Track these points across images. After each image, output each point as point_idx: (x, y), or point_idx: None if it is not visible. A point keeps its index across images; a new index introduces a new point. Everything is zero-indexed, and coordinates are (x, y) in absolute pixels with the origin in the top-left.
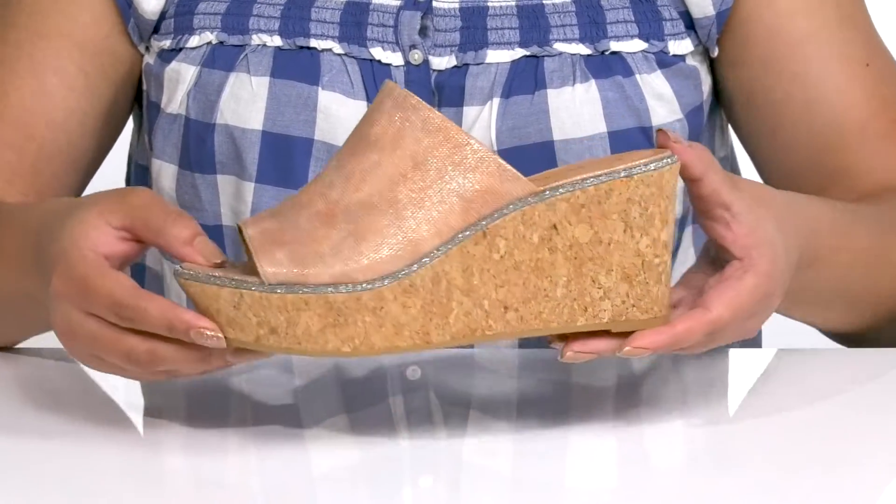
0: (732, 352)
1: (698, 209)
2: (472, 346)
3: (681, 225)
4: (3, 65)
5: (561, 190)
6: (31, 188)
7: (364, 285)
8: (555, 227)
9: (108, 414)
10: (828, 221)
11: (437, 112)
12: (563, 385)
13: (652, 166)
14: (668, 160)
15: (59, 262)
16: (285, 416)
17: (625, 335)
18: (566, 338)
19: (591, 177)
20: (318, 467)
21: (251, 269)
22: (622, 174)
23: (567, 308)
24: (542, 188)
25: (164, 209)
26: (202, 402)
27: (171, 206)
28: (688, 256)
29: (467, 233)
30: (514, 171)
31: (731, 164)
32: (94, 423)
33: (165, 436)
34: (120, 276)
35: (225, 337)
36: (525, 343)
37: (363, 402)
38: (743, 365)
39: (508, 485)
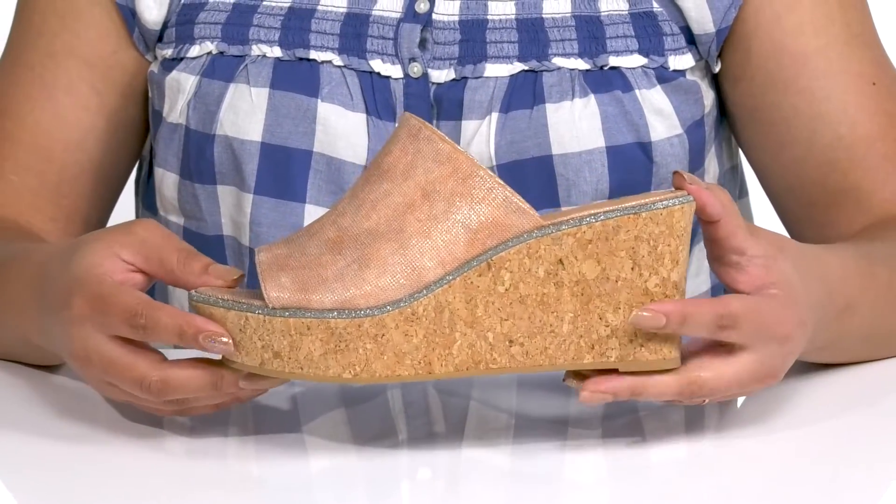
0: None
1: (711, 253)
2: None
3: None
4: (17, 88)
5: (566, 225)
6: (58, 211)
7: (365, 311)
8: (561, 261)
9: (108, 417)
10: (852, 266)
11: (449, 141)
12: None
13: (661, 204)
14: (679, 200)
15: (76, 286)
16: (283, 411)
17: (637, 375)
18: (581, 376)
19: (600, 213)
20: (316, 461)
21: (261, 295)
22: (630, 211)
23: (574, 345)
24: (548, 222)
25: (175, 247)
26: None
27: (181, 243)
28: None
29: (472, 263)
30: (522, 203)
31: (739, 177)
32: (94, 427)
33: (160, 429)
34: (134, 290)
35: (233, 362)
36: None
37: (361, 396)
38: None
39: (506, 478)
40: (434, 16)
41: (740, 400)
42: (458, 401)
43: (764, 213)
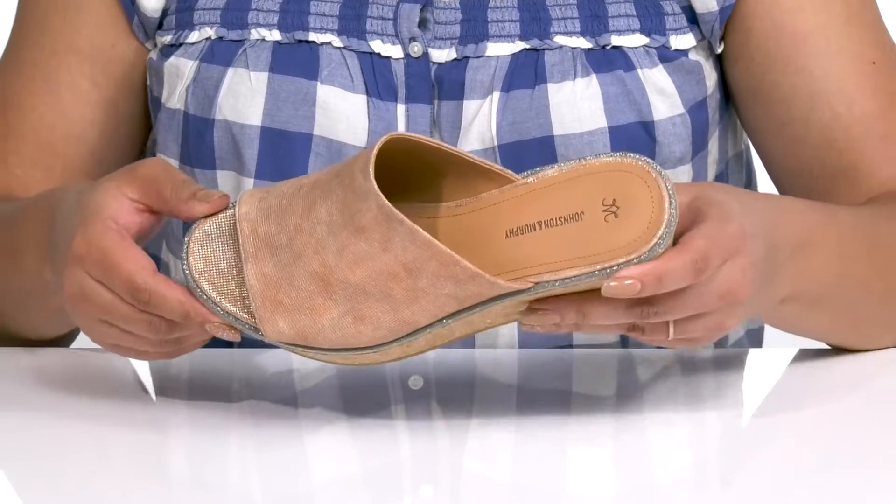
0: (735, 352)
1: None
2: (472, 347)
3: None
4: (20, 83)
5: (545, 287)
6: None
7: (365, 350)
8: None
9: (108, 423)
10: (807, 206)
11: (420, 230)
12: (564, 391)
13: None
14: (648, 253)
15: (79, 228)
16: (287, 424)
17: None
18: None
19: (573, 277)
20: (319, 475)
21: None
22: (599, 274)
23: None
24: (528, 286)
25: (171, 178)
26: (203, 411)
27: (177, 175)
28: None
29: (461, 314)
30: (506, 283)
31: (746, 162)
32: (94, 427)
33: (168, 447)
34: (139, 257)
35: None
36: (526, 344)
37: (365, 410)
38: (749, 366)
39: (509, 493)
40: None
41: (746, 402)
42: (459, 415)
43: None
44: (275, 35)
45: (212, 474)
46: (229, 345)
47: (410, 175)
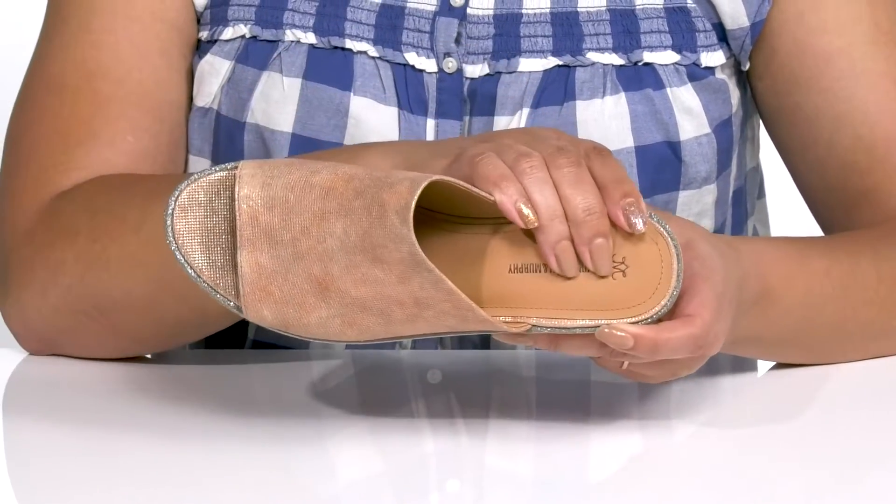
0: None
1: None
2: (487, 348)
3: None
4: (102, 51)
5: (540, 330)
6: (175, 171)
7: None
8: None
9: (122, 428)
10: (776, 254)
11: (445, 279)
12: (584, 386)
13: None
14: (648, 319)
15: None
16: (308, 425)
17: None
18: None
19: (571, 327)
20: (343, 475)
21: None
22: (596, 329)
23: None
24: (525, 328)
25: None
26: (223, 412)
27: None
28: None
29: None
30: (507, 327)
31: (759, 177)
32: (108, 433)
33: (187, 449)
34: None
35: None
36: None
37: (384, 407)
38: (771, 364)
39: (532, 486)
40: (469, 10)
41: (769, 401)
42: (479, 410)
43: (782, 215)
44: (310, 38)
45: (234, 477)
46: (243, 343)
47: None
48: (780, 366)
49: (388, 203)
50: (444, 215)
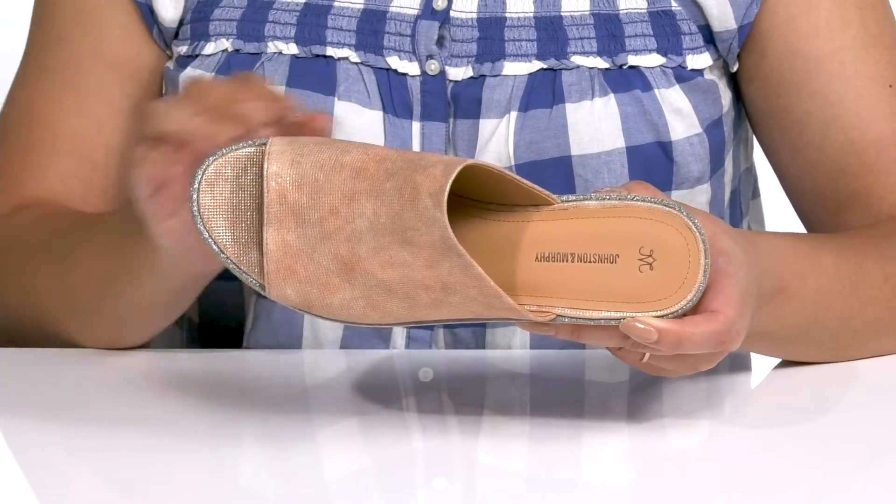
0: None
1: None
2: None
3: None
4: (44, 95)
5: (564, 319)
6: None
7: (365, 326)
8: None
9: (120, 420)
10: (789, 251)
11: (475, 265)
12: (577, 385)
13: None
14: (673, 313)
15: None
16: (297, 420)
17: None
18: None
19: (596, 318)
20: (331, 470)
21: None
22: (622, 321)
23: None
24: (549, 317)
25: None
26: (213, 408)
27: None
28: None
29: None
30: (533, 315)
31: (753, 177)
32: (102, 429)
33: (178, 444)
34: None
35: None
36: (537, 344)
37: (375, 404)
38: (764, 364)
39: (523, 485)
40: (452, 13)
41: (761, 400)
42: (472, 408)
43: (776, 215)
44: (292, 48)
45: (223, 470)
46: (238, 344)
47: None
48: (777, 365)
49: (421, 185)
50: (473, 201)
